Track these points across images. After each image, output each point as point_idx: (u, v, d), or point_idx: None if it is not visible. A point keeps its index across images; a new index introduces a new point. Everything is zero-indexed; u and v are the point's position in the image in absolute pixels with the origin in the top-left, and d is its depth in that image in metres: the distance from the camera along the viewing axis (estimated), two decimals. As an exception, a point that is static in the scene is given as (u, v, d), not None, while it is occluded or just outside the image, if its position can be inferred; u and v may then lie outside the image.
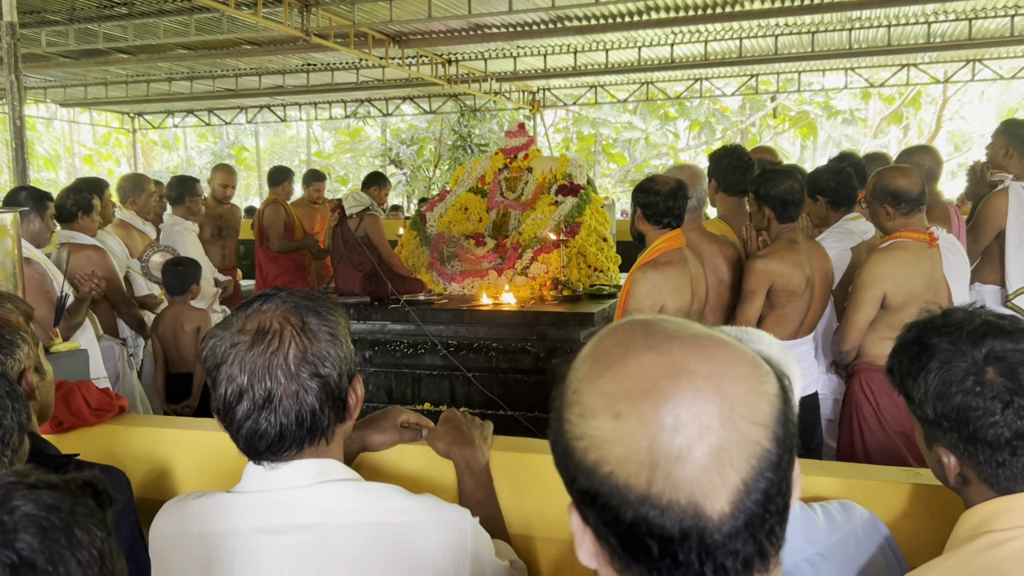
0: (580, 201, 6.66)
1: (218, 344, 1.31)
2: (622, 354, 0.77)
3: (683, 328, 0.79)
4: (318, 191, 7.89)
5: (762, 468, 0.73)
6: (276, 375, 1.28)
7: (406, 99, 16.50)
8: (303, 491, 1.32)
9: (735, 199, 4.18)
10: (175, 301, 4.78)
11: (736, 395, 0.74)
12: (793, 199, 3.54)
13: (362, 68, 13.12)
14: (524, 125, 7.69)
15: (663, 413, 0.72)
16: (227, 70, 13.49)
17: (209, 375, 1.32)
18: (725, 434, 0.72)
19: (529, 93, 15.93)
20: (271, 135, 33.38)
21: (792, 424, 0.77)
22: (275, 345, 1.28)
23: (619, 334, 0.80)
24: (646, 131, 24.33)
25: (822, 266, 3.63)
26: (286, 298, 1.34)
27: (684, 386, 0.73)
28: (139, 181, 5.69)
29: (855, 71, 13.85)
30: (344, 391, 1.35)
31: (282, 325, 1.30)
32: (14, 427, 1.36)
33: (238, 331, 1.31)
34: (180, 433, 2.13)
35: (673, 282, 3.31)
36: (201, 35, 10.28)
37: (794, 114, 24.88)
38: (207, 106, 17.07)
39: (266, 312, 1.32)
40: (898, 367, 1.43)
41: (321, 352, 1.31)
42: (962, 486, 1.39)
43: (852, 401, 3.51)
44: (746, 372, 0.76)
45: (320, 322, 1.33)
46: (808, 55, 12.00)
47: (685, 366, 0.74)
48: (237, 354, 1.28)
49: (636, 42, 11.79)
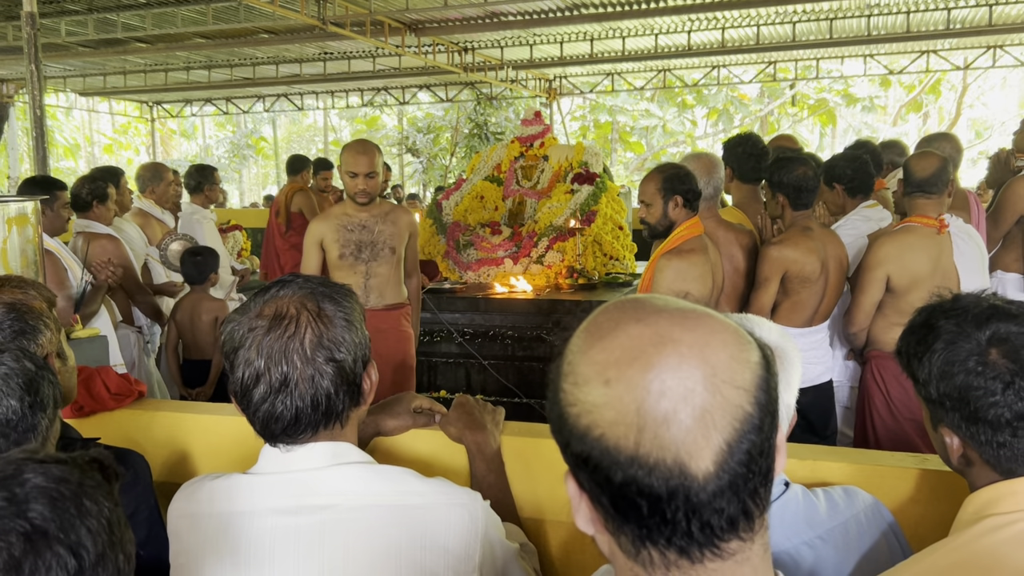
0: (596, 189, 6.66)
1: (236, 329, 1.34)
2: (613, 327, 0.81)
3: (670, 303, 0.83)
4: (326, 179, 7.88)
5: (744, 430, 0.77)
6: (292, 359, 1.30)
7: (422, 87, 16.51)
8: (318, 473, 1.35)
9: (750, 187, 4.18)
10: (194, 290, 4.83)
11: (719, 362, 0.77)
12: (806, 185, 3.54)
13: (378, 56, 13.14)
14: (540, 113, 7.69)
15: (650, 378, 0.76)
16: (244, 59, 13.54)
17: (227, 359, 1.35)
18: (708, 397, 0.76)
19: (546, 81, 15.90)
20: (288, 124, 33.48)
21: (774, 391, 0.80)
22: (291, 330, 1.31)
23: (611, 310, 0.84)
24: (663, 119, 24.22)
25: (836, 253, 3.63)
26: (303, 284, 1.37)
27: (669, 353, 0.77)
28: (157, 170, 5.75)
29: (874, 58, 13.73)
30: (359, 376, 1.37)
31: (298, 311, 1.33)
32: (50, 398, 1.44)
33: (256, 316, 1.33)
34: (198, 418, 2.17)
35: (697, 269, 3.31)
36: (218, 24, 10.32)
37: (813, 102, 24.68)
38: (225, 95, 17.14)
39: (283, 298, 1.35)
40: (905, 348, 1.46)
41: (336, 337, 1.33)
42: (965, 467, 1.41)
43: (865, 389, 3.53)
44: (728, 340, 0.80)
45: (336, 308, 1.35)
46: (826, 42, 11.91)
47: (671, 335, 0.78)
48: (255, 338, 1.31)
49: (653, 29, 11.74)
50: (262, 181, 35.78)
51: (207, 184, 6.07)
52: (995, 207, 4.50)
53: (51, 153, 16.64)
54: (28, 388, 1.40)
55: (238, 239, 8.06)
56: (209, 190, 6.09)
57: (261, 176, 35.74)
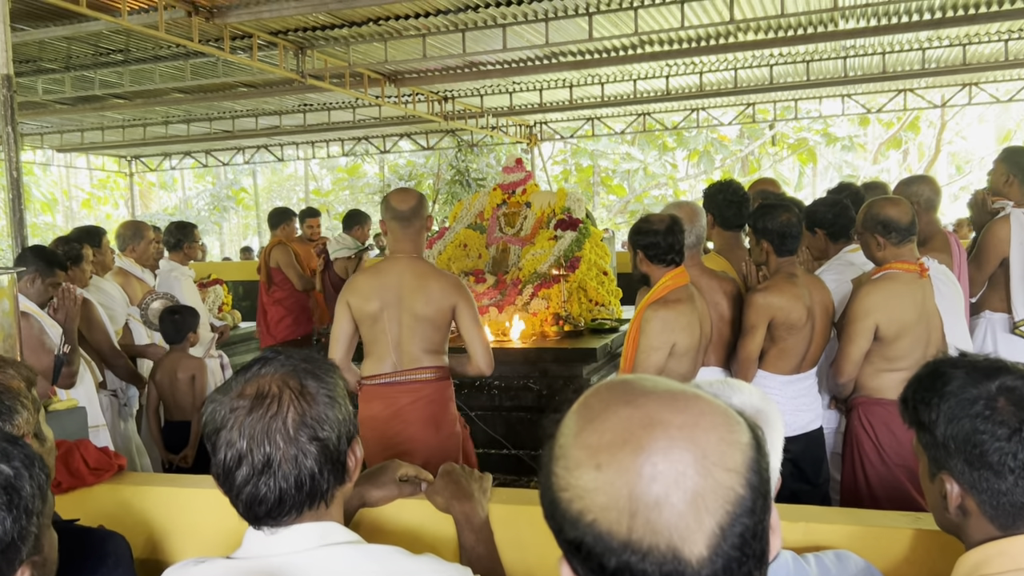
0: (579, 235, 6.70)
1: (218, 409, 1.33)
2: (603, 409, 0.82)
3: (659, 384, 0.84)
4: (311, 227, 7.90)
5: (737, 513, 0.77)
6: (275, 439, 1.29)
7: (403, 136, 16.62)
8: (305, 555, 1.33)
9: (732, 233, 4.22)
10: (173, 349, 4.80)
11: (709, 444, 0.78)
12: (791, 232, 3.57)
13: (358, 107, 13.24)
14: (521, 160, 7.76)
15: (640, 462, 0.76)
16: (223, 112, 13.61)
17: (208, 440, 1.34)
18: (700, 480, 0.76)
19: (526, 127, 16.06)
20: (269, 174, 33.56)
21: (765, 471, 0.81)
22: (274, 409, 1.30)
23: (601, 392, 0.85)
24: (644, 162, 24.45)
25: (822, 299, 3.66)
26: (284, 361, 1.36)
27: (659, 436, 0.78)
28: (138, 228, 5.74)
29: (852, 97, 13.96)
30: (343, 453, 1.36)
31: (281, 389, 1.32)
32: (35, 493, 1.30)
33: (237, 396, 1.33)
34: (180, 492, 2.14)
35: (684, 319, 3.34)
36: (197, 79, 10.39)
37: (793, 141, 25.01)
38: (204, 147, 17.19)
39: (265, 376, 1.34)
40: (912, 395, 1.48)
41: (320, 415, 1.33)
42: (962, 519, 1.41)
43: (852, 435, 3.53)
44: (718, 422, 0.80)
45: (319, 385, 1.35)
46: (804, 84, 12.10)
47: (660, 417, 0.79)
48: (236, 419, 1.30)
49: (631, 75, 11.91)
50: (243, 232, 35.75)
51: (187, 242, 6.07)
52: (977, 250, 4.54)
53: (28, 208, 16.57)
54: (9, 504, 1.24)
55: (219, 293, 8.03)
56: (188, 248, 6.08)
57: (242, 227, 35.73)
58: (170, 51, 9.32)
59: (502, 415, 5.52)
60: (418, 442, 3.51)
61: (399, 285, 3.53)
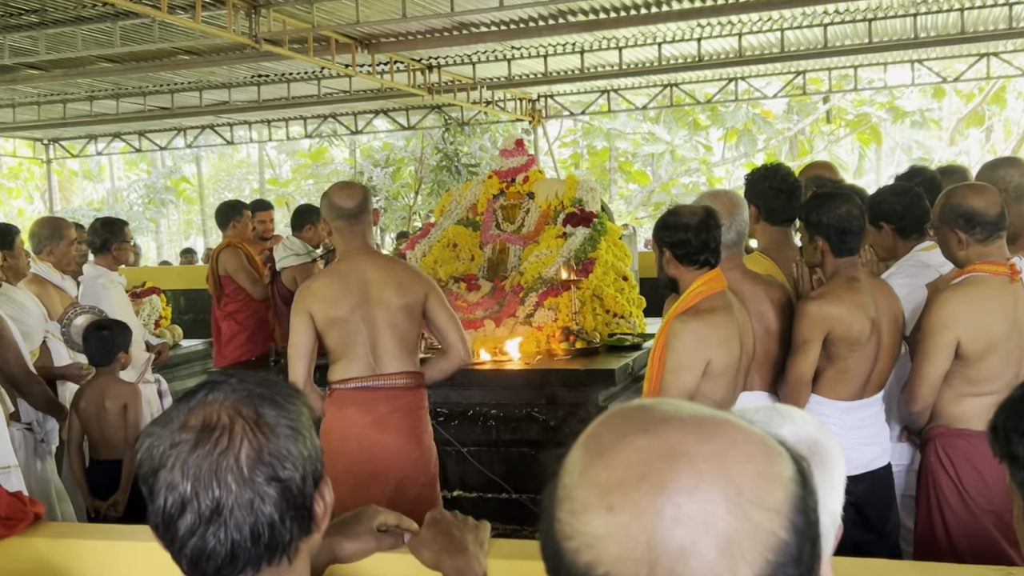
0: (593, 232, 6.71)
1: (155, 444, 1.32)
2: (615, 440, 0.82)
3: (683, 409, 0.84)
4: (263, 223, 7.77)
5: (780, 563, 0.76)
6: (226, 481, 1.28)
7: (379, 113, 16.65)
8: None
9: (780, 229, 4.21)
10: (100, 373, 4.80)
11: (744, 478, 0.77)
12: (851, 227, 3.57)
13: (324, 78, 13.26)
14: (523, 141, 7.77)
15: (661, 502, 0.76)
16: (161, 85, 13.63)
17: (144, 482, 1.33)
18: (734, 523, 0.75)
19: (528, 102, 16.09)
20: (216, 160, 33.63)
21: (812, 512, 0.80)
22: (224, 444, 1.30)
23: (612, 420, 0.85)
24: (672, 143, 24.49)
25: (890, 308, 3.65)
26: (237, 386, 1.36)
27: (683, 470, 0.77)
28: (57, 227, 5.73)
29: (923, 64, 13.97)
30: (309, 497, 1.35)
31: (232, 419, 1.31)
32: None
33: (179, 428, 1.32)
34: (110, 546, 2.14)
35: (720, 332, 3.34)
36: (128, 45, 10.39)
37: (852, 117, 25.06)
38: (137, 128, 17.22)
39: (213, 403, 1.33)
40: (1004, 423, 1.47)
41: (280, 450, 1.32)
42: None
43: (928, 474, 3.52)
44: (754, 453, 0.80)
45: (278, 414, 1.34)
46: (865, 47, 12.12)
47: (684, 448, 0.78)
48: (178, 456, 1.30)
49: (655, 37, 11.93)
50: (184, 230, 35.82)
51: (115, 242, 6.05)
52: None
53: (-77, 205, 16.48)
54: None
55: (156, 305, 8.03)
56: (117, 249, 6.05)
57: (183, 224, 35.79)
58: (95, 11, 9.34)
59: (500, 451, 5.52)
60: (397, 455, 3.86)
61: (364, 282, 3.89)
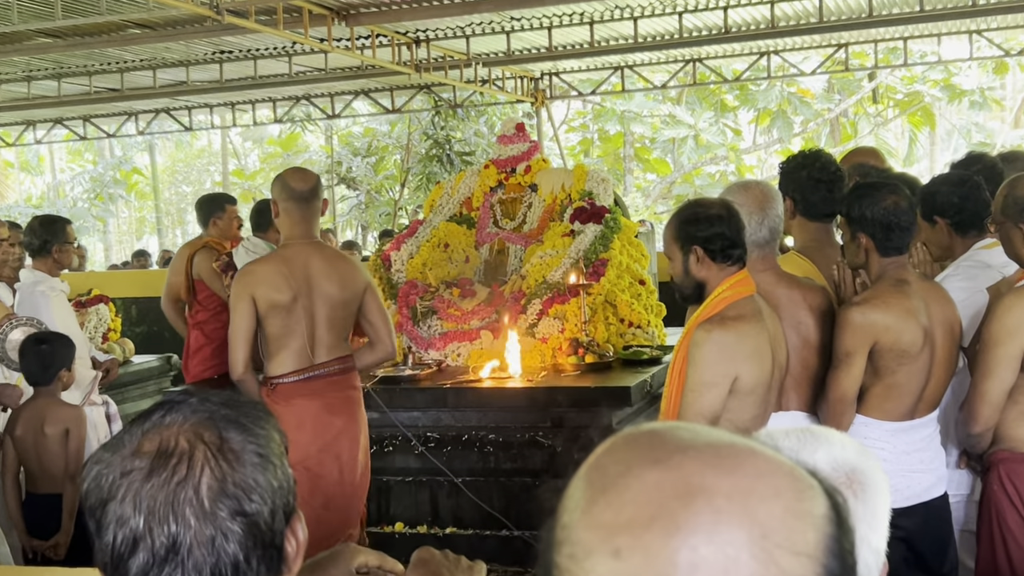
0: (605, 229, 6.72)
1: (104, 473, 1.32)
2: (621, 473, 0.81)
3: (699, 435, 0.83)
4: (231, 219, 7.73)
5: None
6: (184, 515, 1.28)
7: (358, 94, 16.65)
8: None
9: (820, 225, 4.21)
10: (39, 393, 4.80)
11: (770, 518, 0.77)
12: (899, 222, 3.57)
13: (296, 55, 13.26)
14: (524, 126, 7.78)
15: (675, 546, 0.75)
16: (108, 63, 13.62)
17: (91, 517, 1.33)
18: (759, 569, 0.75)
19: (530, 80, 16.10)
20: (172, 149, 33.67)
21: (850, 555, 0.80)
22: (182, 473, 1.29)
23: (619, 448, 0.84)
24: (695, 127, 24.49)
25: (945, 315, 3.65)
26: (197, 406, 1.35)
27: (701, 509, 0.76)
28: (-13, 226, 5.73)
29: (983, 35, 13.98)
30: (279, 534, 1.36)
31: (192, 444, 1.31)
32: None
33: (132, 454, 1.31)
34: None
35: (749, 343, 3.32)
36: (71, 17, 10.39)
37: (902, 97, 25.05)
38: (82, 113, 17.21)
39: (170, 426, 1.33)
40: None
41: (246, 481, 1.32)
42: None
43: (991, 504, 3.51)
44: (782, 487, 0.80)
45: (245, 439, 1.34)
46: (916, 15, 12.10)
47: (701, 482, 0.78)
48: (130, 486, 1.29)
49: (676, 6, 11.94)
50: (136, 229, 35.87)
51: (56, 243, 6.05)
52: None
53: None
54: None
55: (103, 315, 8.03)
56: (59, 252, 6.06)
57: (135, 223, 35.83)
58: (34, -22, 9.34)
59: (500, 482, 5.52)
60: (346, 434, 4.48)
61: (308, 271, 4.44)
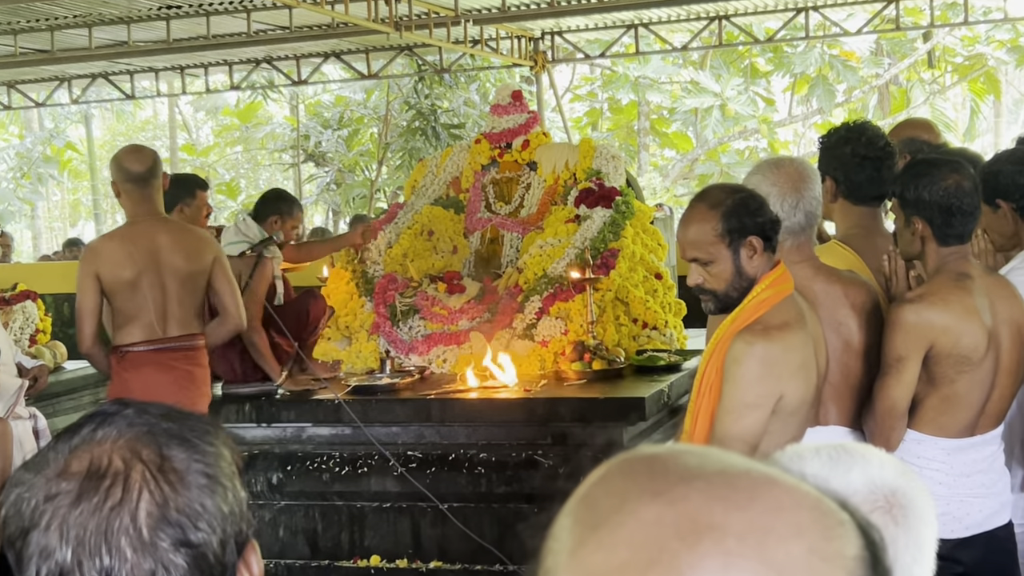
0: (616, 215, 6.73)
1: (25, 496, 1.32)
2: (615, 507, 0.80)
3: (706, 461, 0.82)
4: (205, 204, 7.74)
5: None
6: (119, 546, 1.28)
7: (329, 56, 16.67)
8: None
9: (866, 209, 4.21)
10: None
11: (791, 561, 0.75)
12: (962, 206, 3.57)
13: (256, 10, 13.27)
14: (521, 94, 7.78)
15: None
16: (37, 20, 13.64)
17: (11, 547, 1.33)
18: None
19: (529, 41, 16.11)
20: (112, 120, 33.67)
21: None
22: (116, 497, 1.29)
23: (612, 478, 0.83)
24: (722, 95, 24.47)
25: (1012, 314, 3.65)
26: (134, 419, 1.35)
27: (708, 551, 0.75)
28: None
29: (1056, -11, 14.04)
30: (230, 567, 1.36)
31: (128, 464, 1.31)
32: None
33: (58, 475, 1.31)
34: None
35: (796, 357, 3.26)
36: (-7, -34, 10.44)
37: (962, 61, 25.10)
38: (6, 79, 17.25)
39: (103, 442, 1.33)
40: None
41: (191, 506, 1.32)
42: None
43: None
44: (805, 524, 0.78)
45: (190, 456, 1.34)
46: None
47: (709, 519, 0.77)
48: (56, 512, 1.29)
49: (699, -46, 11.99)
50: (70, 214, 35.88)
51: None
52: None
53: None
54: None
55: (30, 314, 8.05)
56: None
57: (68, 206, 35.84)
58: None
59: (492, 508, 5.52)
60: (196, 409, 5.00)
61: (153, 247, 5.13)
